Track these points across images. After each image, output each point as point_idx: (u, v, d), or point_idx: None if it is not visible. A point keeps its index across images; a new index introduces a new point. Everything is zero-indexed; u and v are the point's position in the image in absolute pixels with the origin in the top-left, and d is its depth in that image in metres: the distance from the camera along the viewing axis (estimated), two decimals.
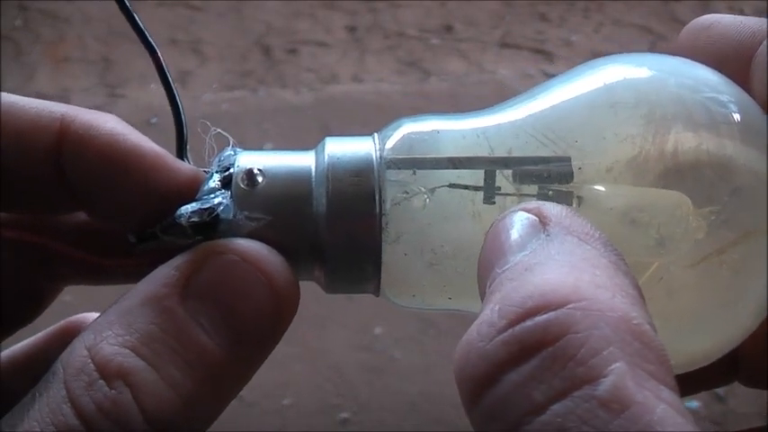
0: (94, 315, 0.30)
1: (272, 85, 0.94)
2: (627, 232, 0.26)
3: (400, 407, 0.69)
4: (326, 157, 0.26)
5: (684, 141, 0.26)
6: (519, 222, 0.22)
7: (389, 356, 0.71)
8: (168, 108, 0.29)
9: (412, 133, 0.27)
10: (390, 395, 0.69)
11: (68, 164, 0.26)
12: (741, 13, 1.00)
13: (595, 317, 0.18)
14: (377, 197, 0.25)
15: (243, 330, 0.23)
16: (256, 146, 0.87)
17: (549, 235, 0.21)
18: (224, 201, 0.26)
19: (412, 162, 0.26)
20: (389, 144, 0.26)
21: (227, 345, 0.23)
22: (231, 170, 0.26)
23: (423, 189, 0.26)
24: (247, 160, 0.26)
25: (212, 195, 0.26)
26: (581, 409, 0.17)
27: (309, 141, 0.29)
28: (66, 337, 0.29)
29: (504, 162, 0.26)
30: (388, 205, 0.26)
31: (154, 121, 0.87)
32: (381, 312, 0.72)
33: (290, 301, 0.25)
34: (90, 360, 0.22)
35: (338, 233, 0.25)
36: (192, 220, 0.25)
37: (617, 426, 0.17)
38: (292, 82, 0.94)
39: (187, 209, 0.25)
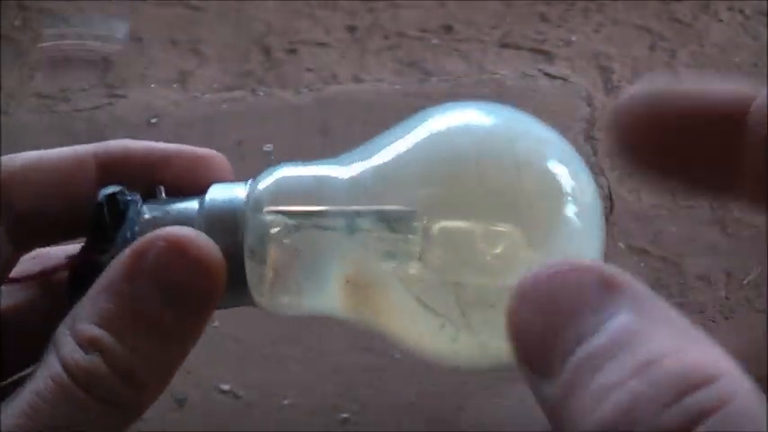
0: None
1: (272, 85, 0.94)
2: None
3: (400, 407, 0.69)
4: (206, 201, 0.33)
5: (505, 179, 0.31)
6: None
7: (389, 356, 0.71)
8: (168, 108, 0.32)
9: (281, 178, 0.33)
10: (390, 395, 0.69)
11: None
12: (741, 13, 0.99)
13: (740, 391, 0.21)
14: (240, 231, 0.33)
15: (180, 299, 0.31)
16: (256, 146, 0.87)
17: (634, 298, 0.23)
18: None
19: (274, 203, 0.32)
20: (260, 186, 0.33)
21: (172, 313, 0.30)
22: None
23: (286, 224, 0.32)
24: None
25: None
26: None
27: (309, 141, 0.31)
28: None
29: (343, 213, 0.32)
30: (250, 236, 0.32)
31: (154, 121, 0.87)
32: None
33: (212, 268, 0.31)
34: (70, 336, 0.30)
35: None
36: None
37: None
38: (292, 82, 0.94)
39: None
